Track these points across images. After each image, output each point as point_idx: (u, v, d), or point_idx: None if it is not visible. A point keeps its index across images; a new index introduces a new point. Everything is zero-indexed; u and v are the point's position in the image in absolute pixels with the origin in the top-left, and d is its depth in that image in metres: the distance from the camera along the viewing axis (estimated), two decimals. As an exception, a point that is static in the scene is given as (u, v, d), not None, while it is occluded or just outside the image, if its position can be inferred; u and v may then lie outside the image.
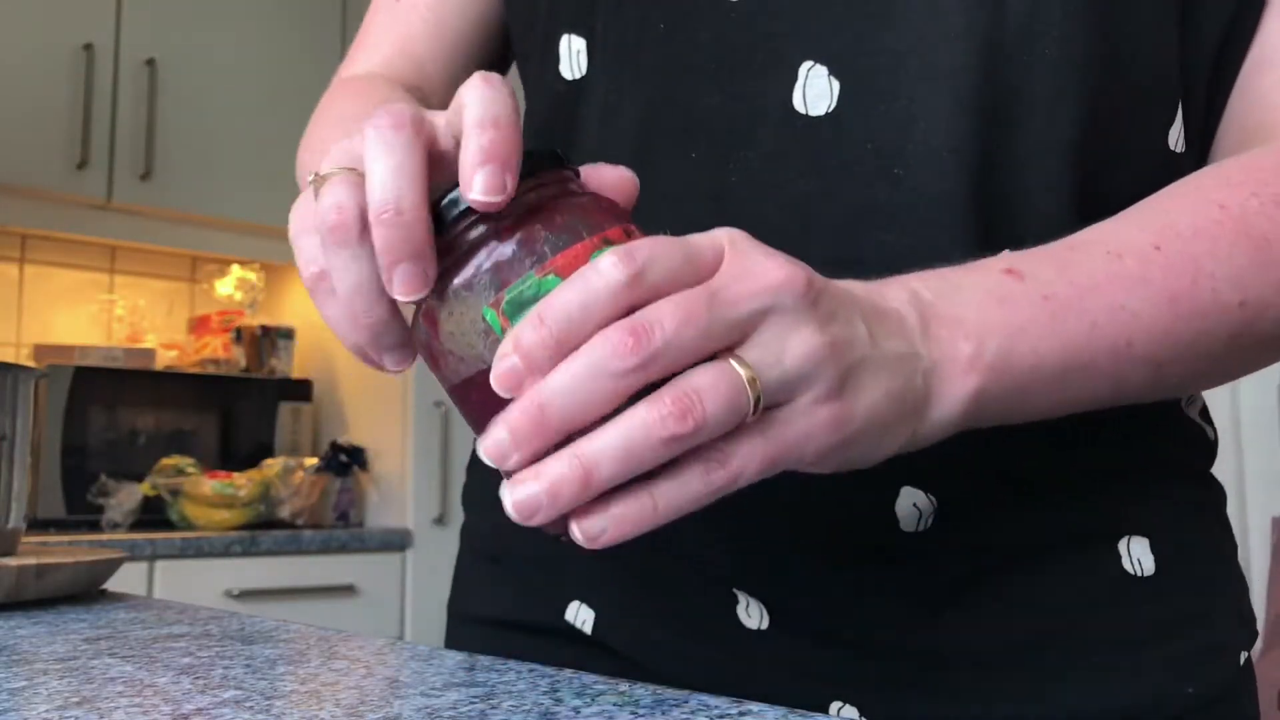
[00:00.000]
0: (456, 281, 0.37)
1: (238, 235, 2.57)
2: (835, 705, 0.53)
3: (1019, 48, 0.49)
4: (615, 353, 0.33)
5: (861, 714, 0.52)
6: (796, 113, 0.51)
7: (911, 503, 0.50)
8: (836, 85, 0.50)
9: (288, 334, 2.70)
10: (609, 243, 0.37)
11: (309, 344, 2.78)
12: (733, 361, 0.35)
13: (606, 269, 0.34)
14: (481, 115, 0.37)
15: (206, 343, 2.66)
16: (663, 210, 0.51)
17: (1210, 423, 0.58)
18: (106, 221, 2.40)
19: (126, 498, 2.26)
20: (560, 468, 0.34)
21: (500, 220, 0.37)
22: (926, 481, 0.50)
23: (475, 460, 0.68)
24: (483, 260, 0.37)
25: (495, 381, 0.35)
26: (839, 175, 0.50)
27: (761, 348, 0.35)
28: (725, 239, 0.37)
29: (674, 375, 0.34)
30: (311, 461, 2.48)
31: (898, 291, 0.41)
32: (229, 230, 2.55)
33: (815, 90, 0.50)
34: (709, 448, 0.35)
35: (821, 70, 0.50)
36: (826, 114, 0.50)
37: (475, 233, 0.37)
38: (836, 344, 0.36)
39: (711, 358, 0.35)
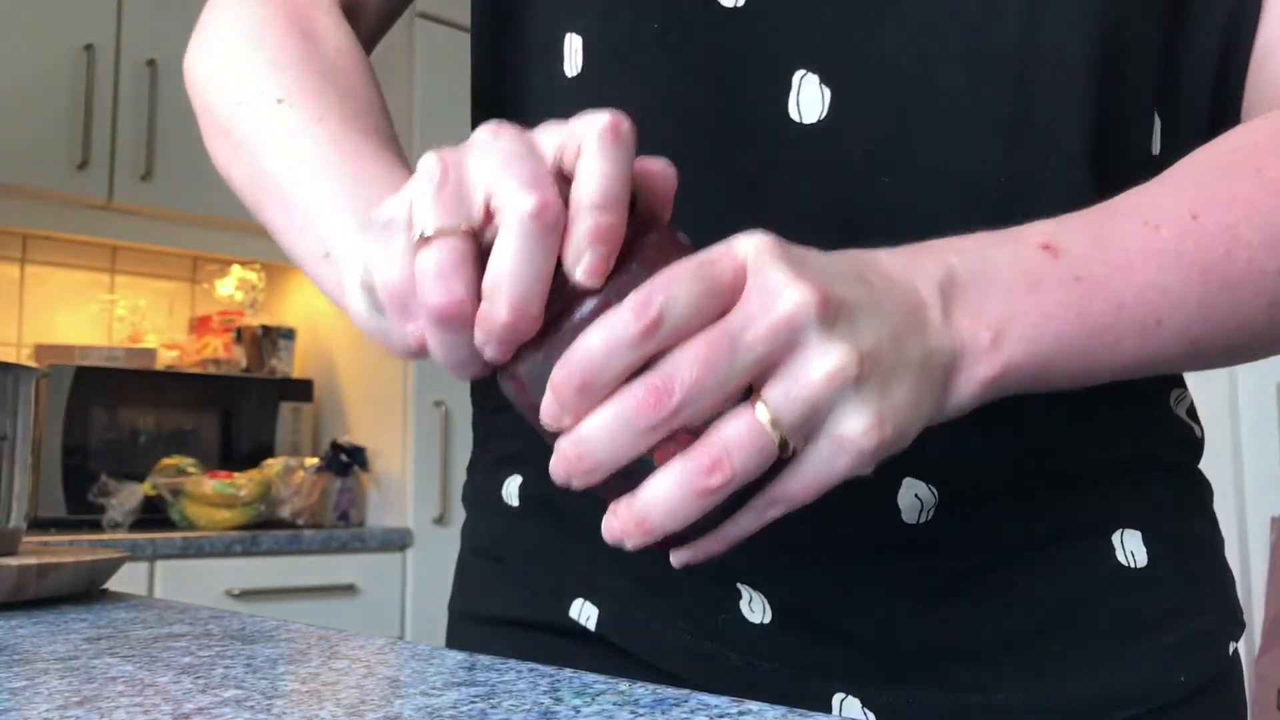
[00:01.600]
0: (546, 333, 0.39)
1: (238, 235, 2.57)
2: (838, 697, 0.53)
3: (1015, 62, 0.49)
4: (639, 410, 0.36)
5: (864, 705, 0.53)
6: (791, 120, 0.51)
7: (914, 494, 0.51)
8: (828, 93, 0.51)
9: (288, 334, 2.70)
10: None
11: (309, 344, 2.78)
12: (756, 409, 0.36)
13: (627, 318, 0.36)
14: (604, 195, 0.37)
15: (207, 343, 2.66)
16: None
17: (1197, 421, 0.59)
18: (107, 221, 2.41)
19: (127, 497, 2.26)
20: (624, 516, 0.38)
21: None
22: (929, 474, 0.51)
23: (476, 461, 0.69)
24: (570, 324, 0.38)
25: (541, 413, 0.38)
26: (832, 182, 0.50)
27: (784, 383, 0.37)
28: (747, 256, 0.37)
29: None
30: (312, 461, 2.48)
31: (931, 268, 0.41)
32: (229, 230, 2.56)
33: (808, 98, 0.51)
34: (757, 497, 0.38)
35: (813, 79, 0.51)
36: (818, 122, 0.51)
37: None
38: (859, 361, 0.37)
39: (747, 389, 0.37)
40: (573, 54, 0.57)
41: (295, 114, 0.54)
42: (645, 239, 0.39)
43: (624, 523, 0.37)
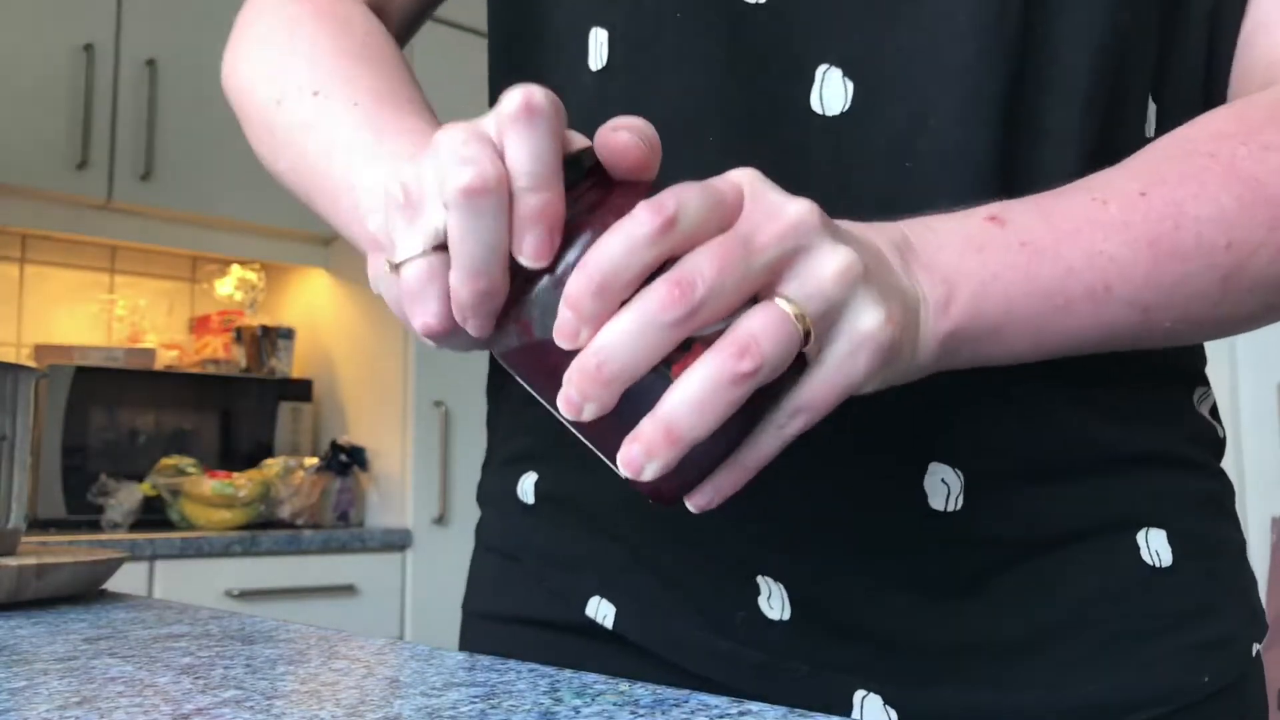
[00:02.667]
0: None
1: (238, 235, 2.57)
2: (859, 695, 0.53)
3: (1027, 44, 0.50)
4: (662, 305, 0.36)
5: (885, 703, 0.53)
6: (814, 113, 0.52)
7: (940, 478, 0.52)
8: (851, 86, 0.51)
9: (288, 334, 2.70)
10: None
11: (309, 344, 2.78)
12: (778, 300, 0.37)
13: (642, 218, 0.36)
14: (528, 176, 0.38)
15: (207, 343, 2.66)
16: None
17: (1219, 421, 0.59)
18: (107, 221, 2.40)
19: (127, 497, 2.26)
20: (649, 430, 0.37)
21: (567, 223, 0.39)
22: (954, 458, 0.51)
23: (490, 459, 0.69)
24: (549, 284, 0.38)
25: (555, 334, 0.37)
26: (855, 170, 0.51)
27: (799, 281, 0.38)
28: (743, 181, 0.39)
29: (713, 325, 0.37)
30: (311, 461, 2.48)
31: (886, 232, 0.43)
32: (229, 230, 2.56)
33: (831, 91, 0.52)
34: (775, 409, 0.39)
35: (836, 73, 0.52)
36: (842, 113, 0.52)
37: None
38: (863, 262, 0.39)
39: (754, 299, 0.38)
40: (599, 47, 0.57)
41: (331, 104, 0.56)
42: (609, 199, 0.39)
43: (648, 438, 0.36)
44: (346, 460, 2.52)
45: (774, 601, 0.55)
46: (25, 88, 2.26)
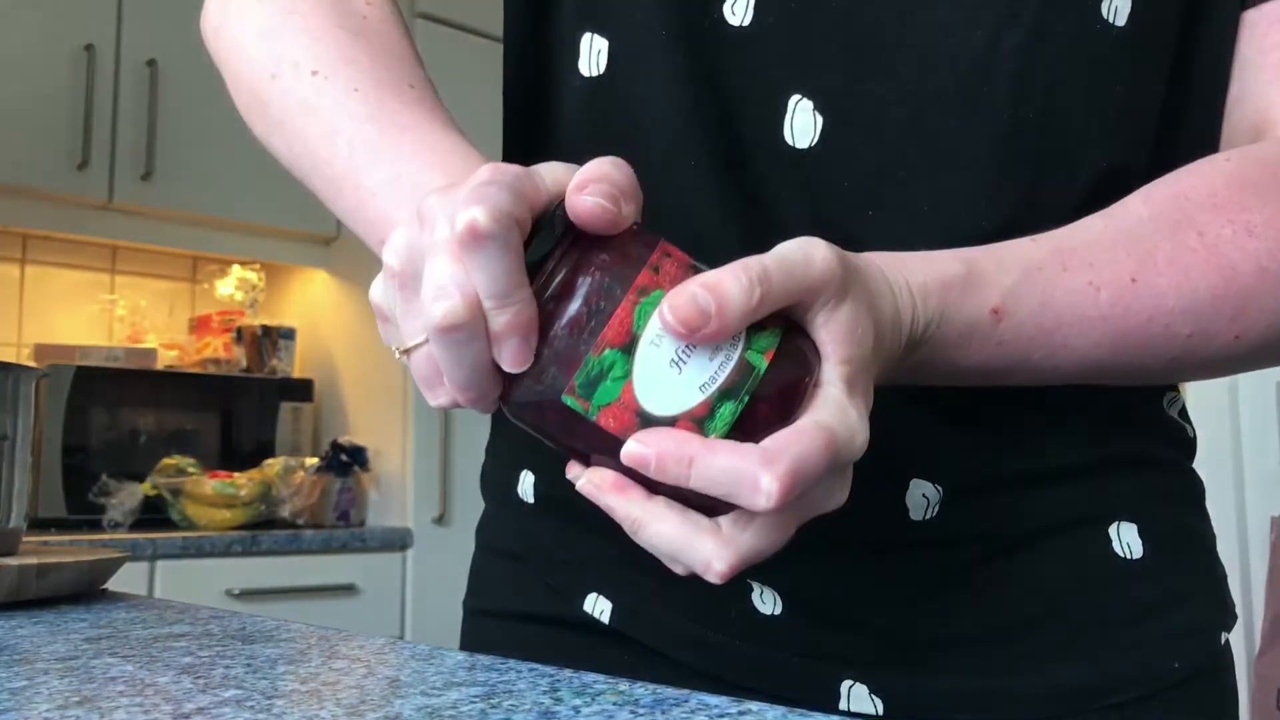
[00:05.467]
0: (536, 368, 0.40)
1: (238, 235, 2.57)
2: (845, 684, 0.55)
3: (1007, 113, 0.50)
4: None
5: (871, 692, 0.55)
6: (784, 143, 0.52)
7: (921, 493, 0.53)
8: (820, 121, 0.52)
9: (288, 334, 2.70)
10: (644, 292, 0.38)
11: (309, 344, 2.78)
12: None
13: (766, 494, 0.36)
14: (490, 296, 0.38)
15: (207, 342, 2.66)
16: (674, 213, 0.53)
17: (1189, 421, 0.61)
18: (107, 222, 2.40)
19: (127, 497, 2.26)
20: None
21: (544, 310, 0.39)
22: (935, 474, 0.53)
23: (494, 447, 0.69)
24: (546, 356, 0.39)
25: (625, 458, 0.38)
26: (819, 207, 0.52)
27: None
28: (840, 397, 0.39)
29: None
30: (312, 461, 2.48)
31: (913, 309, 0.43)
32: (229, 230, 2.56)
33: (801, 123, 0.52)
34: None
35: (808, 105, 0.52)
36: (810, 147, 0.52)
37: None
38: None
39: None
40: (595, 55, 0.57)
41: (330, 86, 0.55)
42: (596, 258, 0.39)
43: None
44: (347, 460, 2.52)
45: (765, 597, 0.56)
46: (26, 88, 2.26)
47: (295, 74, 0.56)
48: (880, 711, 0.55)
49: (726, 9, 0.53)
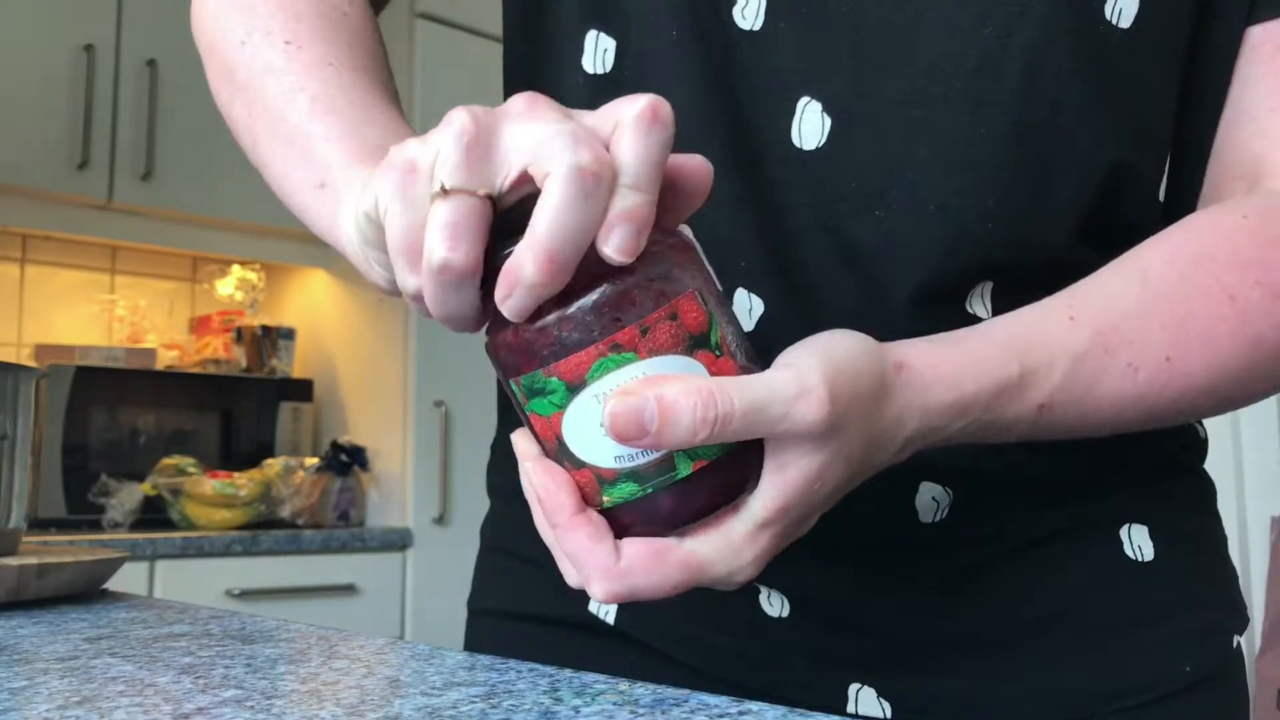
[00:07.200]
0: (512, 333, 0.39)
1: (238, 235, 2.57)
2: (854, 687, 0.55)
3: (1014, 112, 0.50)
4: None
5: (879, 696, 0.54)
6: (792, 144, 0.52)
7: (930, 496, 0.53)
8: (828, 122, 0.52)
9: (288, 334, 2.70)
10: (616, 349, 0.37)
11: (309, 344, 2.78)
12: None
13: (595, 595, 0.39)
14: (639, 176, 0.37)
15: (207, 343, 2.66)
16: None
17: (1200, 423, 0.61)
18: (107, 222, 2.40)
19: (127, 497, 2.26)
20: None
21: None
22: (945, 478, 0.53)
23: (500, 445, 0.69)
24: (521, 335, 0.38)
25: (521, 474, 0.40)
26: (826, 208, 0.52)
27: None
28: (741, 538, 0.40)
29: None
30: (312, 461, 2.48)
31: (930, 434, 0.43)
32: (229, 230, 2.55)
33: (809, 125, 0.52)
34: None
35: (816, 106, 0.52)
36: (817, 149, 0.52)
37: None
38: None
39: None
40: (603, 52, 0.57)
41: (303, 55, 0.54)
42: (666, 235, 0.39)
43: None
44: (347, 460, 2.52)
45: (773, 600, 0.56)
46: (26, 88, 2.26)
47: (267, 41, 0.55)
48: (889, 715, 0.54)
49: (736, 12, 0.53)
